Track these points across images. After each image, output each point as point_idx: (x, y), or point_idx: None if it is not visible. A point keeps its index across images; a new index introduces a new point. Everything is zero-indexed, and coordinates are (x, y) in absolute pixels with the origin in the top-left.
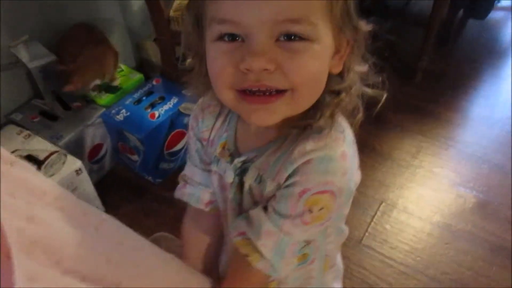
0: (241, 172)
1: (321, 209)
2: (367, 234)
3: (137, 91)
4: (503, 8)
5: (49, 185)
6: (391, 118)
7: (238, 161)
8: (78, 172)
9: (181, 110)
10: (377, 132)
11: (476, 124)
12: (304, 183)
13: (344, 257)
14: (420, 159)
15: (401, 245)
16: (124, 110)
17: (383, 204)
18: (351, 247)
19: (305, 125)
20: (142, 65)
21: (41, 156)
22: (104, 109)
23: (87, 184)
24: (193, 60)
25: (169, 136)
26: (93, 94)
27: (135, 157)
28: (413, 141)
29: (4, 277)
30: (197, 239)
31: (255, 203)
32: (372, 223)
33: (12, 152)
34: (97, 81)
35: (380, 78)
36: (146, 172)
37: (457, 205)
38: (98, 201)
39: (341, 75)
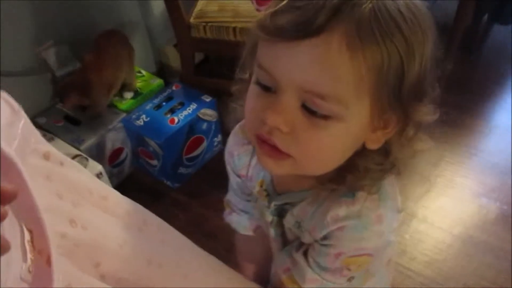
0: (279, 212)
1: (358, 266)
2: None
3: (157, 97)
4: None
5: (95, 184)
6: None
7: (275, 204)
8: (99, 176)
9: (200, 116)
10: None
11: (500, 132)
12: (339, 248)
13: None
14: (441, 167)
15: (421, 256)
16: (144, 115)
17: (403, 213)
18: None
19: (335, 188)
20: (162, 70)
21: None
22: (124, 114)
23: None
24: (241, 86)
25: (188, 142)
26: (114, 99)
27: (154, 162)
28: (434, 149)
29: (43, 284)
30: (250, 260)
31: (295, 237)
32: None
33: None
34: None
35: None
36: (165, 177)
37: (480, 216)
38: None
39: (387, 152)
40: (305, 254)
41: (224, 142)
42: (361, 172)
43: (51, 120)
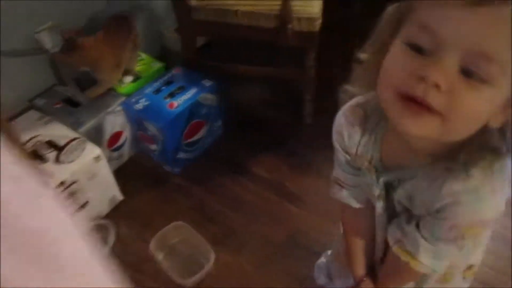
0: (387, 187)
1: (473, 236)
2: None
3: (157, 81)
4: None
5: None
6: None
7: (384, 179)
8: (97, 159)
9: (201, 100)
10: None
11: None
12: (454, 219)
13: None
14: None
15: None
16: (144, 99)
17: None
18: None
19: (450, 167)
20: (164, 54)
21: (61, 142)
22: (124, 98)
23: (105, 171)
24: (373, 55)
25: (188, 126)
26: None
27: (154, 146)
28: None
29: None
30: (358, 234)
31: (404, 210)
32: None
33: (33, 137)
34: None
35: None
36: (165, 162)
37: None
38: (116, 189)
39: (504, 132)
40: (417, 226)
41: (224, 127)
42: (475, 149)
43: (50, 102)
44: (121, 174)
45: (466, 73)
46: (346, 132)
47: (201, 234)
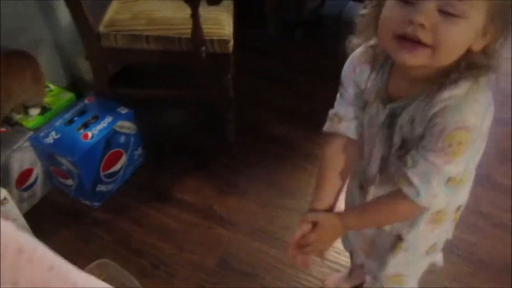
0: (391, 114)
1: (458, 143)
2: None
3: (68, 111)
4: None
5: None
6: None
7: (390, 106)
8: (3, 201)
9: (117, 129)
10: None
11: None
12: (443, 124)
13: (292, 266)
14: None
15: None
16: (54, 132)
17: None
18: None
19: (443, 83)
20: (75, 84)
21: None
22: (32, 132)
23: (15, 213)
24: (371, 9)
25: (106, 157)
26: (18, 116)
27: (69, 181)
28: None
29: None
30: (338, 164)
31: (403, 139)
32: None
33: None
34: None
35: None
36: (83, 196)
37: None
38: (27, 231)
39: (486, 54)
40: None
41: (146, 154)
42: (463, 68)
43: None
44: (35, 215)
45: (443, 12)
46: (358, 68)
47: (128, 269)
